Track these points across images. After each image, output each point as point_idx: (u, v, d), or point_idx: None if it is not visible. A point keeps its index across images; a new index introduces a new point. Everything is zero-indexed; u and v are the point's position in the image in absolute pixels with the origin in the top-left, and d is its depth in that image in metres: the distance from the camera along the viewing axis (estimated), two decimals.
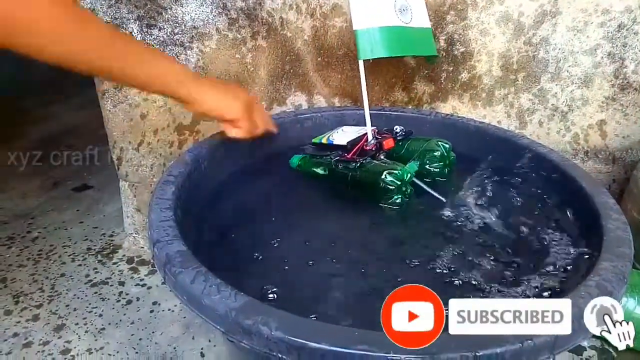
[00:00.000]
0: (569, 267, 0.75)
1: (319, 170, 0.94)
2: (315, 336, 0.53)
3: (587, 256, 0.74)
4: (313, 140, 1.04)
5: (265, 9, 1.16)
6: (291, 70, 1.24)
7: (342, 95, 1.28)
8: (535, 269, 0.76)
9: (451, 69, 1.24)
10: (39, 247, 1.55)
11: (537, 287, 0.72)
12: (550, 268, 0.75)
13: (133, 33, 1.15)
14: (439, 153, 0.93)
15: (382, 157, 0.93)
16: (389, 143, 0.95)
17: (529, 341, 0.53)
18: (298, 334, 0.54)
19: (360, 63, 0.93)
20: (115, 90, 1.22)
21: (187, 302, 0.63)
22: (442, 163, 0.93)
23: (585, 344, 1.12)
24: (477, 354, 0.51)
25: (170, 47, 1.17)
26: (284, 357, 0.55)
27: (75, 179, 2.00)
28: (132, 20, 1.14)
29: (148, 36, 1.16)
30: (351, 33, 1.20)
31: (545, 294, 0.69)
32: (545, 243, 0.81)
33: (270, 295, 0.68)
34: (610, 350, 1.11)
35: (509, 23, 1.17)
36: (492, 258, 0.77)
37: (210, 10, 1.15)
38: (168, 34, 1.16)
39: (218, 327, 0.59)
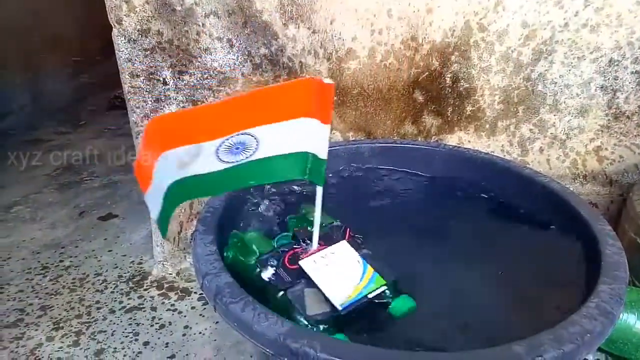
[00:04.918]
0: (571, 289, 0.84)
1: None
2: (354, 356, 0.63)
3: (587, 279, 0.84)
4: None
5: (287, 54, 1.27)
6: None
7: (356, 130, 1.39)
8: (542, 290, 0.85)
9: (457, 103, 1.35)
10: (73, 276, 1.64)
11: (546, 306, 0.81)
12: (555, 289, 0.85)
13: (166, 79, 1.26)
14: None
15: None
16: None
17: (539, 357, 0.62)
18: (340, 355, 0.63)
19: None
20: None
21: (238, 328, 0.72)
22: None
23: (590, 357, 1.20)
24: None
25: (200, 90, 1.29)
26: None
27: (100, 208, 2.11)
28: (165, 68, 1.25)
29: (180, 81, 1.27)
30: (364, 74, 1.31)
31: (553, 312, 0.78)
32: (550, 268, 0.90)
33: None
34: None
35: (508, 61, 1.28)
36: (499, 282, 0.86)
37: (237, 58, 1.26)
38: (198, 79, 1.27)
39: (268, 350, 0.68)
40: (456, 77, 1.32)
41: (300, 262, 0.78)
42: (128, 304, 1.50)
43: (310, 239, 0.84)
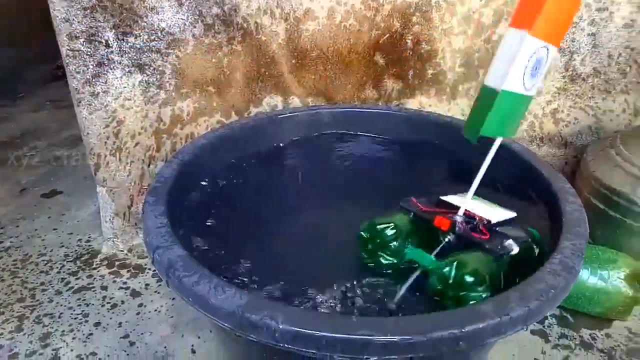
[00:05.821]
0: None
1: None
2: (321, 325, 0.59)
3: (549, 235, 0.84)
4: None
5: (241, 14, 1.19)
6: (266, 73, 1.28)
7: (315, 95, 1.33)
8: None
9: (418, 66, 1.32)
10: (14, 257, 1.53)
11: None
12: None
13: (109, 41, 1.16)
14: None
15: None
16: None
17: (506, 316, 0.61)
18: (303, 325, 0.59)
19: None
20: (91, 97, 1.22)
21: (193, 303, 0.67)
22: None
23: None
24: (463, 330, 0.58)
25: (147, 54, 1.19)
26: (290, 346, 0.60)
27: (43, 184, 1.96)
28: (107, 29, 1.14)
29: (124, 44, 1.17)
30: (323, 36, 1.25)
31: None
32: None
33: None
34: (568, 316, 1.22)
35: (470, 23, 1.25)
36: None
37: (186, 17, 1.17)
38: (144, 41, 1.17)
39: (226, 324, 0.64)
40: (417, 39, 1.28)
41: (493, 222, 0.82)
42: (76, 284, 1.41)
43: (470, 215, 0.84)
